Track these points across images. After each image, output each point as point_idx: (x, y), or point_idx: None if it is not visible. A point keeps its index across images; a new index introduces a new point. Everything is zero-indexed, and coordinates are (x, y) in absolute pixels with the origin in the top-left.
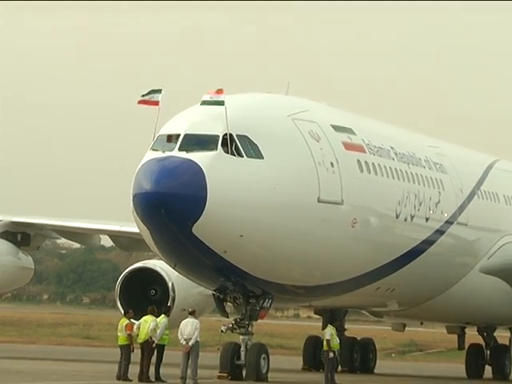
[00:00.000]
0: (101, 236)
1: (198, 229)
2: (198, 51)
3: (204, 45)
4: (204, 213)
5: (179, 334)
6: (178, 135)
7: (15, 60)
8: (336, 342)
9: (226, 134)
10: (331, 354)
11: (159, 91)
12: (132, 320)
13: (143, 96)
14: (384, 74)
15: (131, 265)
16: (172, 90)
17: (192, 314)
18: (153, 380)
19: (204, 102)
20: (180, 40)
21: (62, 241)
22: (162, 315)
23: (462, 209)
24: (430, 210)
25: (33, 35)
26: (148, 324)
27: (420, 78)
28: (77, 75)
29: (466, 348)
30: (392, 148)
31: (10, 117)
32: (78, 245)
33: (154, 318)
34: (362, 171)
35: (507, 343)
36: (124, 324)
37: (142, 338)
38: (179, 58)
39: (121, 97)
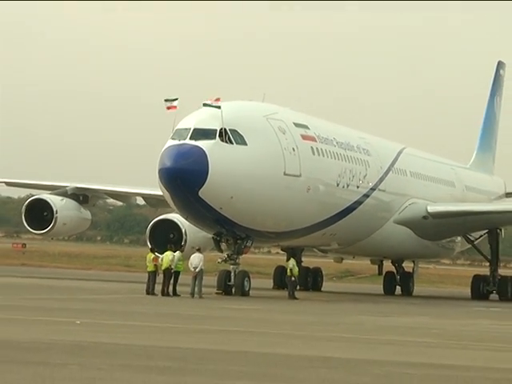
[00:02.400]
0: (136, 197)
1: (202, 193)
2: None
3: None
4: (207, 182)
5: (189, 264)
6: (189, 129)
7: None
8: (296, 269)
9: (221, 129)
10: (293, 278)
11: (177, 99)
12: (157, 254)
13: (166, 101)
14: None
15: (157, 217)
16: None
17: (198, 250)
18: (171, 295)
19: (205, 105)
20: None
21: (110, 200)
22: (178, 251)
23: (381, 180)
24: (359, 180)
25: None
26: (168, 257)
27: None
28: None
29: (383, 274)
30: (334, 139)
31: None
32: (120, 203)
33: (172, 252)
34: (313, 154)
35: (411, 271)
36: (151, 257)
37: (164, 266)
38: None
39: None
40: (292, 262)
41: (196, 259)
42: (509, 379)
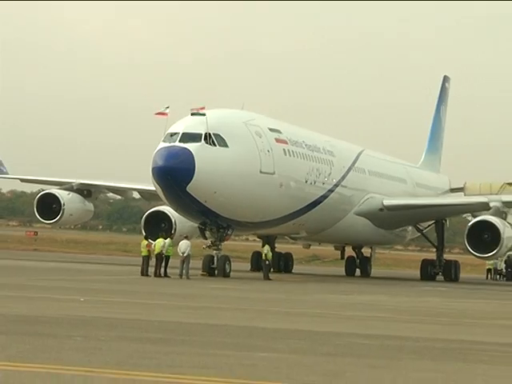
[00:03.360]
0: (133, 192)
1: (189, 188)
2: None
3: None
4: (193, 179)
5: (178, 249)
6: (178, 133)
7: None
8: (270, 254)
9: (206, 133)
10: (267, 262)
11: (168, 107)
12: (150, 240)
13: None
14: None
15: (150, 209)
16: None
17: (186, 237)
18: (162, 276)
19: (193, 113)
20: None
21: (110, 194)
22: (168, 238)
23: (343, 178)
24: (325, 178)
25: None
26: (160, 243)
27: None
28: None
29: (345, 258)
30: (303, 142)
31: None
32: (119, 197)
33: (164, 239)
34: (285, 155)
35: (369, 255)
36: (145, 243)
37: (156, 252)
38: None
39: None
40: (267, 247)
41: (184, 245)
42: (452, 348)
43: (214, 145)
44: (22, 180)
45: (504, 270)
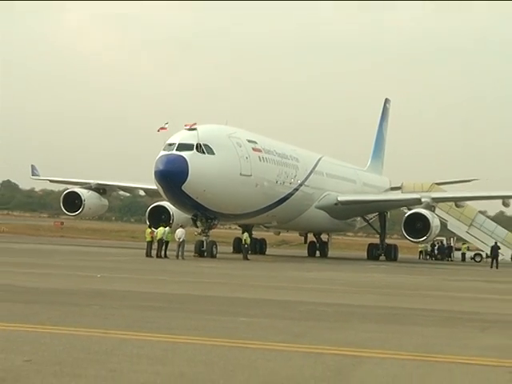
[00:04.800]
0: (139, 190)
1: (184, 187)
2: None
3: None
4: (187, 180)
5: (175, 236)
6: (175, 144)
7: None
8: (248, 239)
9: (197, 143)
10: (246, 245)
11: (167, 123)
12: (153, 229)
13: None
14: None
15: (153, 204)
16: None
17: (181, 226)
18: (163, 257)
19: (186, 128)
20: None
21: (121, 192)
22: (168, 227)
23: (306, 179)
24: (291, 179)
25: None
26: (161, 231)
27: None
28: None
29: (308, 243)
30: (274, 150)
31: None
32: (128, 194)
33: (164, 228)
34: (260, 161)
35: (326, 240)
36: (149, 231)
37: (158, 238)
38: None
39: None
40: (245, 234)
41: (180, 233)
42: (393, 314)
43: (204, 153)
44: (51, 181)
45: (430, 252)
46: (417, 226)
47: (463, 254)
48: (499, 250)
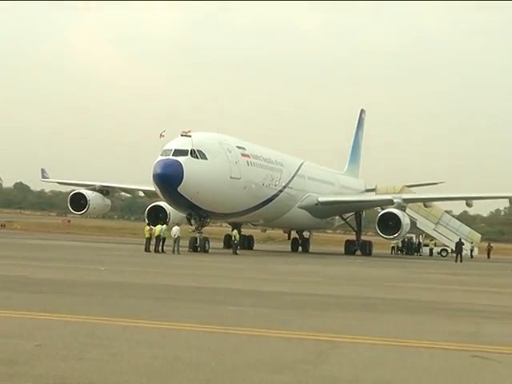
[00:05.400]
0: (139, 191)
1: (180, 189)
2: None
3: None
4: (182, 182)
5: (171, 233)
6: (172, 149)
7: None
8: (237, 236)
9: (192, 149)
10: (235, 241)
11: (164, 131)
12: (151, 226)
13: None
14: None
15: (151, 204)
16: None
17: (177, 224)
18: (160, 252)
19: (182, 135)
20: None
21: (123, 193)
22: (165, 224)
23: (290, 181)
24: (276, 182)
25: None
26: (158, 228)
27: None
28: None
29: (291, 239)
30: (261, 156)
31: None
32: (129, 195)
33: (161, 225)
34: (248, 165)
35: (308, 237)
36: (148, 228)
37: (156, 234)
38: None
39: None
40: (235, 231)
41: (175, 230)
42: (367, 303)
43: (197, 158)
44: (59, 183)
45: (402, 248)
46: (389, 224)
47: (431, 250)
48: (463, 246)
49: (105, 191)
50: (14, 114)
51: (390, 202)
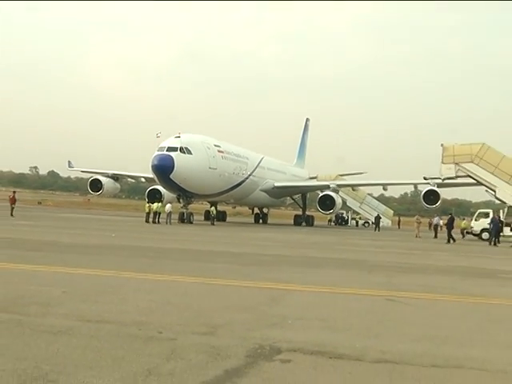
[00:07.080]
0: (142, 178)
1: (172, 176)
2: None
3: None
4: (173, 171)
5: (165, 209)
6: (165, 147)
7: None
8: (214, 211)
9: (180, 147)
10: (213, 215)
11: (160, 132)
12: (150, 204)
13: (158, 134)
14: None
15: (150, 187)
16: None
17: (170, 202)
18: (156, 223)
19: (175, 136)
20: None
21: (129, 179)
22: (160, 202)
23: (253, 171)
24: (243, 171)
25: None
26: (155, 205)
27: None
28: None
29: (254, 214)
30: (232, 152)
31: None
32: (133, 180)
33: (158, 203)
34: (223, 159)
35: (266, 212)
36: (147, 205)
37: (153, 210)
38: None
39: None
40: (213, 208)
41: (168, 207)
42: (311, 261)
43: (185, 153)
44: (82, 171)
45: (335, 220)
46: (326, 203)
47: (357, 222)
48: (380, 219)
49: (115, 177)
50: (48, 122)
51: (327, 187)
